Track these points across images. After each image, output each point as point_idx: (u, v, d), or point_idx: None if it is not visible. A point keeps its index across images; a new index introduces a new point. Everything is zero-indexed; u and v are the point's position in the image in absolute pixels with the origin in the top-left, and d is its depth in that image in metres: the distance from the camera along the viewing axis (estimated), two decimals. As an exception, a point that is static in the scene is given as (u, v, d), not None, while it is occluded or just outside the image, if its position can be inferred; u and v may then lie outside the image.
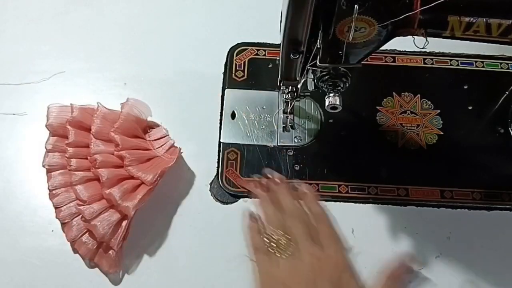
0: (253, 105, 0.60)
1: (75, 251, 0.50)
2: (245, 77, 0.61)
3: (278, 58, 0.60)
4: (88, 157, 0.51)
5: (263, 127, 0.58)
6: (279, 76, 0.50)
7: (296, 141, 0.58)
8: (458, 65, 0.63)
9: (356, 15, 0.37)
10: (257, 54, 0.63)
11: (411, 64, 0.63)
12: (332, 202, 0.54)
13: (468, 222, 0.53)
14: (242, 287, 0.49)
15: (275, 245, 0.46)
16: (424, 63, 0.63)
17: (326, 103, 0.47)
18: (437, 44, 0.50)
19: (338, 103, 0.46)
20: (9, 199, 0.54)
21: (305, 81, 0.51)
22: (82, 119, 0.54)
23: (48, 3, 0.67)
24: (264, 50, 0.63)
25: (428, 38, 0.41)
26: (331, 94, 0.47)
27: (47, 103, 0.59)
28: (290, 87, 0.53)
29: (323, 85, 0.47)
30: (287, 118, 0.57)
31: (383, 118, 0.59)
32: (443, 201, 0.54)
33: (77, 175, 0.51)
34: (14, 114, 0.59)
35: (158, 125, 0.56)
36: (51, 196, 0.52)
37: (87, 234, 0.50)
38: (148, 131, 0.56)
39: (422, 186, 0.55)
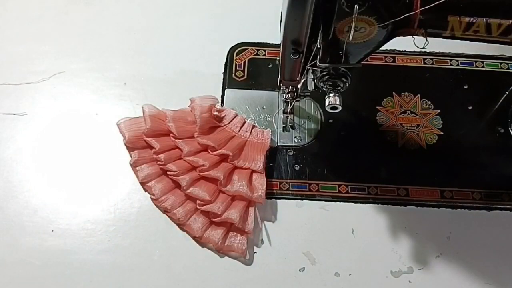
0: (253, 105, 0.60)
1: (203, 245, 0.51)
2: (245, 77, 0.61)
3: (278, 58, 0.60)
4: (184, 158, 0.53)
5: (263, 127, 0.58)
6: (279, 76, 0.50)
7: (296, 141, 0.58)
8: (458, 65, 0.63)
9: (356, 15, 0.37)
10: (257, 54, 0.63)
11: (411, 64, 0.63)
12: (332, 202, 0.54)
13: (468, 222, 0.53)
14: None
15: None
16: (424, 63, 0.63)
17: (326, 103, 0.47)
18: (437, 44, 0.50)
19: (338, 103, 0.46)
20: (9, 199, 0.54)
21: (305, 81, 0.51)
22: (156, 128, 0.55)
23: (48, 3, 0.67)
24: (264, 50, 0.63)
25: (428, 38, 0.41)
26: (331, 94, 0.46)
27: (47, 103, 0.59)
28: (290, 87, 0.53)
29: (323, 85, 0.47)
30: (287, 118, 0.57)
31: (383, 118, 0.59)
32: (443, 201, 0.54)
33: (184, 178, 0.52)
34: (14, 114, 0.59)
35: (223, 109, 0.57)
36: (158, 203, 0.53)
37: (210, 229, 0.51)
38: (218, 114, 0.57)
39: (422, 186, 0.55)
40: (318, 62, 0.43)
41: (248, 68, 0.62)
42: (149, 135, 0.54)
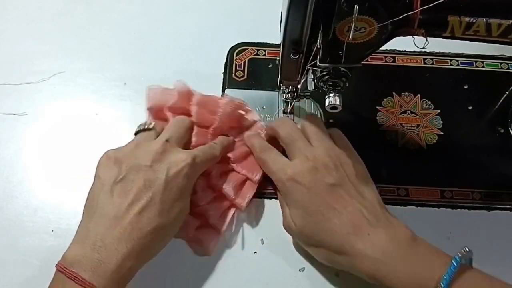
0: (253, 105, 0.59)
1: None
2: (245, 77, 0.61)
3: (278, 58, 0.60)
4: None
5: (263, 127, 0.58)
6: (279, 76, 0.50)
7: (296, 141, 0.57)
8: (458, 65, 0.63)
9: (356, 15, 0.37)
10: (257, 54, 0.63)
11: (411, 64, 0.63)
12: (332, 202, 0.54)
13: (468, 222, 0.53)
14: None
15: None
16: (424, 63, 0.63)
17: (326, 103, 0.47)
18: (437, 44, 0.50)
19: (338, 103, 0.46)
20: (9, 199, 0.54)
21: (305, 81, 0.51)
22: (181, 104, 0.54)
23: (48, 3, 0.67)
24: (264, 50, 0.63)
25: (428, 38, 0.41)
26: (331, 94, 0.47)
27: (47, 103, 0.59)
28: (290, 87, 0.53)
29: (323, 85, 0.47)
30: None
31: (383, 118, 0.59)
32: (443, 201, 0.54)
33: None
34: (14, 114, 0.59)
35: (249, 110, 0.56)
36: None
37: (187, 219, 0.50)
38: (243, 113, 0.56)
39: (422, 186, 0.55)
40: (318, 62, 0.44)
41: (248, 68, 0.62)
42: (171, 110, 0.54)
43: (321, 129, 0.51)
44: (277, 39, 0.44)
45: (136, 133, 0.51)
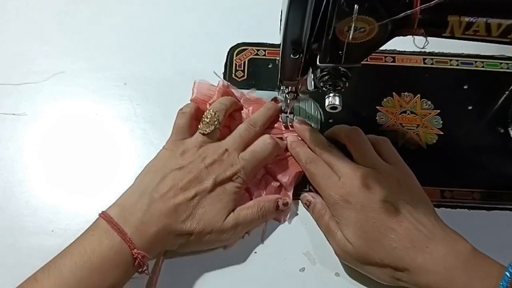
0: (253, 105, 0.59)
1: None
2: (245, 77, 0.61)
3: (278, 58, 0.60)
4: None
5: (263, 127, 0.58)
6: (279, 76, 0.50)
7: (296, 141, 0.57)
8: (458, 65, 0.63)
9: (356, 15, 0.37)
10: (257, 54, 0.63)
11: (411, 64, 0.63)
12: (332, 202, 0.54)
13: (468, 222, 0.53)
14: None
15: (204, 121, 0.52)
16: (424, 63, 0.63)
17: (326, 103, 0.47)
18: (437, 44, 0.50)
19: (338, 103, 0.46)
20: (9, 199, 0.54)
21: (305, 81, 0.51)
22: None
23: (48, 3, 0.67)
24: (264, 50, 0.63)
25: (428, 38, 0.41)
26: (331, 94, 0.46)
27: (47, 103, 0.60)
28: (290, 87, 0.53)
29: (323, 85, 0.47)
30: (287, 118, 0.57)
31: (383, 118, 0.59)
32: (443, 201, 0.54)
33: None
34: (14, 114, 0.59)
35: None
36: None
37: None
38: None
39: (422, 186, 0.55)
40: (318, 62, 0.44)
41: (248, 68, 0.62)
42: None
43: (366, 142, 0.52)
44: (277, 39, 0.44)
45: (202, 131, 0.51)
